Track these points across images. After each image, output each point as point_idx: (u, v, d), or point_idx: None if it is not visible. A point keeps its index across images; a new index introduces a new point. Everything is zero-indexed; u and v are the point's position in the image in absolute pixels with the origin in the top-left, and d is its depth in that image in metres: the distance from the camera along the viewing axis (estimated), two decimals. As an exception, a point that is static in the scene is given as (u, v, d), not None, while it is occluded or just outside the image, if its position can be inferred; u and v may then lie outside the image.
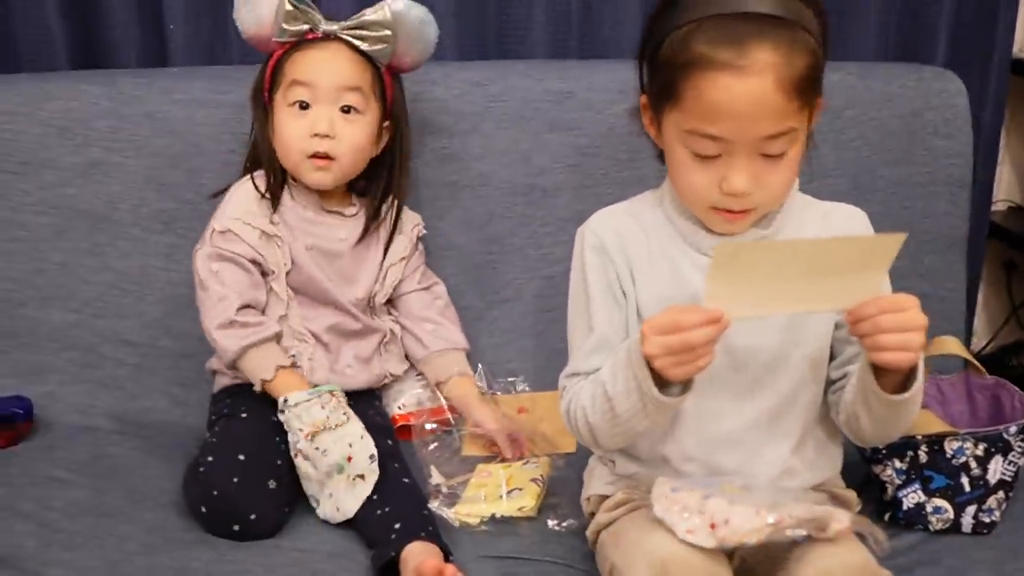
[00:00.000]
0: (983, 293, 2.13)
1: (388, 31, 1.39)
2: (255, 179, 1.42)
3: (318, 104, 1.37)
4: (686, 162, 1.08)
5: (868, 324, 0.99)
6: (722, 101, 1.02)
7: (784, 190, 1.10)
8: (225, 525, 1.24)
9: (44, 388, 1.51)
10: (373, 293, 1.46)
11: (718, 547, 0.98)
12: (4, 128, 1.51)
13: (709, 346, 0.98)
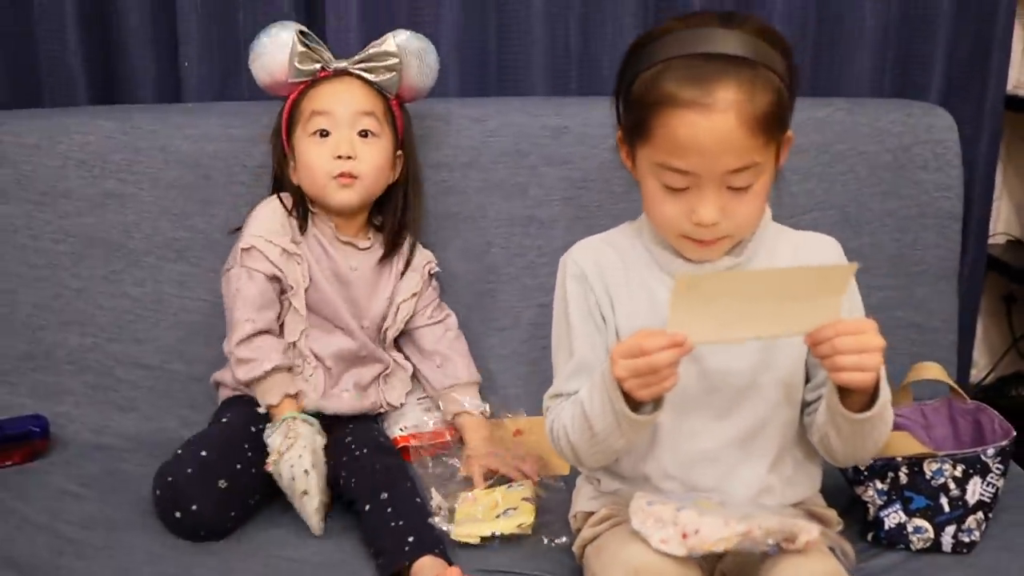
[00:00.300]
0: (983, 325, 2.19)
1: (395, 60, 1.50)
2: (282, 198, 1.53)
3: (337, 130, 1.48)
4: (658, 194, 1.15)
5: (827, 346, 1.06)
6: (688, 137, 1.09)
7: (752, 220, 1.17)
8: (170, 512, 1.33)
9: (61, 408, 1.60)
10: (385, 327, 1.55)
11: (688, 555, 1.05)
12: (25, 160, 1.61)
13: (672, 368, 1.05)
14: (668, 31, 1.14)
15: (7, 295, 1.61)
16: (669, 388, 1.07)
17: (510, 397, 1.62)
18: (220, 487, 1.34)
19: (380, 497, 1.34)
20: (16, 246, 1.61)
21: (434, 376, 1.57)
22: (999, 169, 2.09)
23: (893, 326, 1.66)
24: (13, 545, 1.31)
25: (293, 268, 1.50)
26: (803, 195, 1.66)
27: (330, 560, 1.32)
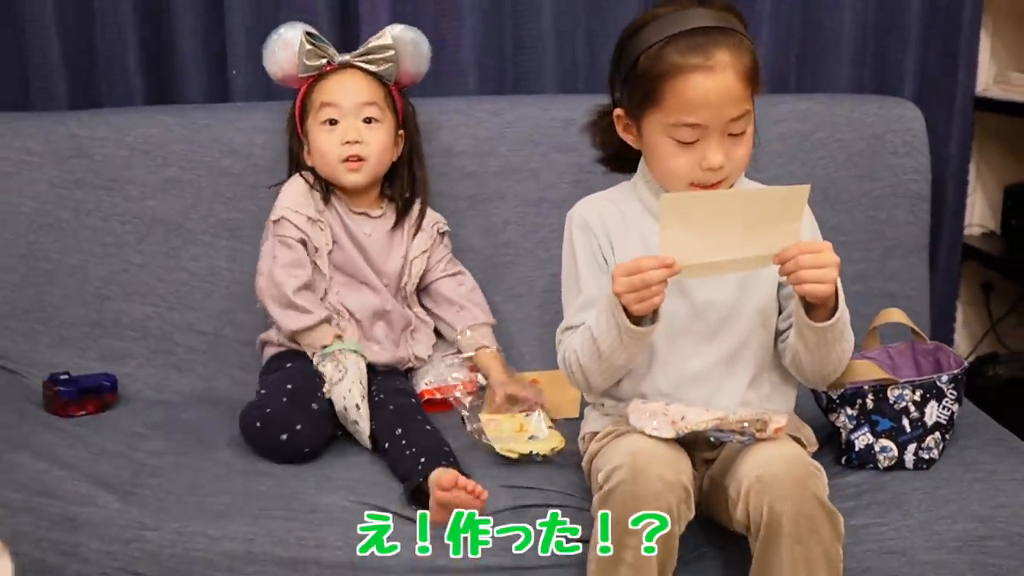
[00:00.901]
0: (963, 312, 2.44)
1: (392, 51, 1.77)
2: (304, 175, 1.80)
3: (344, 119, 1.75)
4: (670, 150, 1.41)
5: (791, 263, 1.32)
6: (699, 95, 1.37)
7: (744, 162, 1.44)
8: (274, 436, 1.58)
9: (125, 370, 1.87)
10: (403, 283, 1.81)
11: (676, 435, 1.31)
12: (96, 151, 1.90)
13: (661, 285, 1.31)
14: (655, 17, 1.43)
15: (79, 270, 1.89)
16: (658, 304, 1.33)
17: (526, 355, 1.88)
18: (313, 408, 1.60)
19: (395, 433, 1.60)
20: (88, 227, 1.89)
21: (454, 319, 1.83)
22: (972, 165, 2.36)
23: (870, 295, 1.93)
24: (96, 468, 1.57)
25: (318, 233, 1.76)
26: (787, 177, 1.92)
27: (377, 479, 1.57)
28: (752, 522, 1.29)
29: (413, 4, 2.12)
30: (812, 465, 1.32)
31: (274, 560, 1.43)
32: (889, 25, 2.21)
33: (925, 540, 1.45)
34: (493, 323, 1.86)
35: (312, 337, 1.71)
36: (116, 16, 2.07)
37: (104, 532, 1.45)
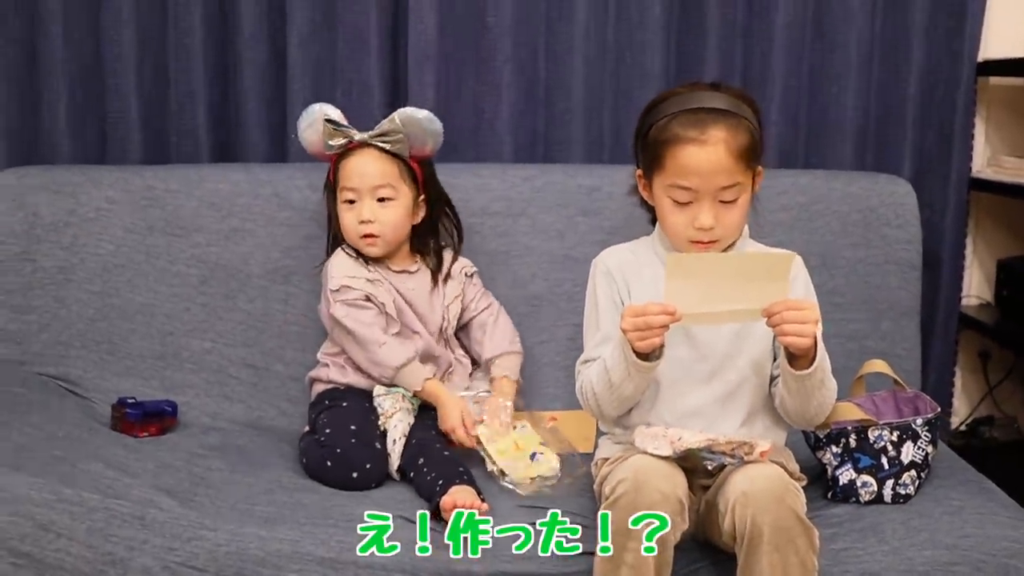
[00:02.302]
0: (962, 378, 2.66)
1: (401, 134, 2.02)
2: (344, 249, 2.06)
3: (361, 200, 2.02)
4: (669, 209, 1.69)
5: (777, 317, 1.57)
6: (691, 163, 1.64)
7: (736, 228, 1.70)
8: (346, 474, 1.83)
9: (184, 399, 2.13)
10: (444, 327, 2.07)
11: (673, 454, 1.54)
12: (168, 202, 2.18)
13: (663, 328, 1.56)
14: (672, 95, 1.72)
15: (147, 307, 2.16)
16: (658, 344, 1.58)
17: (548, 395, 2.13)
18: (377, 447, 1.87)
19: (419, 462, 1.85)
20: (157, 269, 2.17)
21: (482, 349, 2.08)
22: (969, 240, 2.60)
23: (864, 354, 2.15)
24: (159, 478, 1.81)
25: (379, 290, 2.02)
26: (788, 244, 2.15)
27: (407, 497, 1.81)
28: (737, 532, 1.52)
29: (457, 80, 2.42)
30: (791, 484, 1.54)
31: (317, 560, 1.65)
32: (889, 111, 2.48)
33: (898, 564, 1.65)
34: (518, 351, 2.10)
35: (412, 374, 1.96)
36: (188, 80, 2.38)
37: (167, 531, 1.68)
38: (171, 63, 2.40)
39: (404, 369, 1.96)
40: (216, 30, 2.40)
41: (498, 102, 2.40)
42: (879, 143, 2.51)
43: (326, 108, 2.03)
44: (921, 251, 2.23)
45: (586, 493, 1.81)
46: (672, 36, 2.43)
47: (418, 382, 1.96)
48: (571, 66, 2.40)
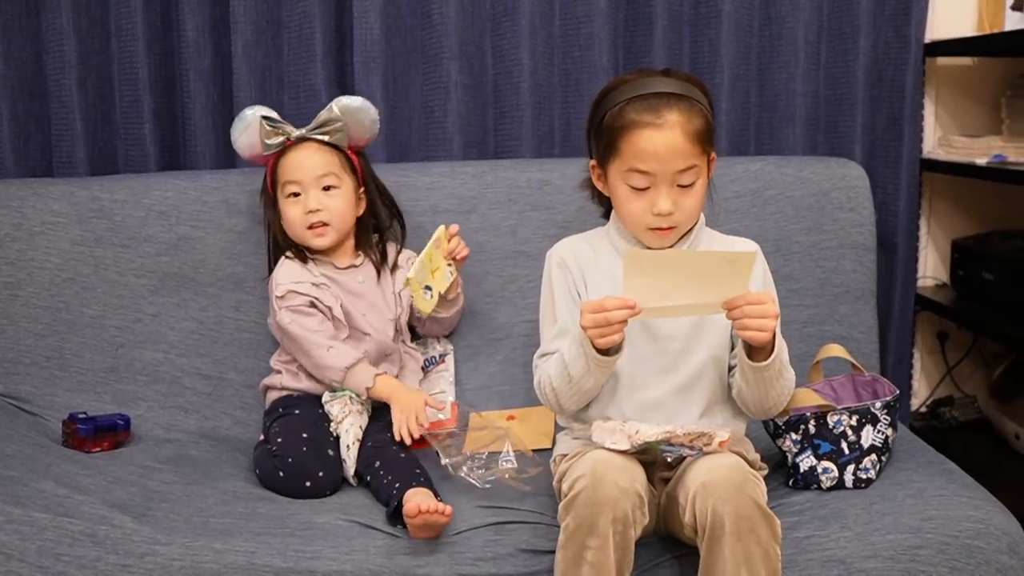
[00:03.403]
0: (920, 360, 2.63)
1: (340, 123, 1.98)
2: (289, 257, 2.01)
3: (306, 191, 1.97)
4: (626, 196, 1.64)
5: (737, 311, 1.52)
6: (648, 147, 1.60)
7: (694, 213, 1.66)
8: (299, 483, 1.77)
9: (137, 412, 2.06)
10: (397, 315, 2.01)
11: (631, 447, 1.49)
12: (115, 213, 2.11)
13: (622, 324, 1.51)
14: (623, 82, 1.67)
15: (97, 320, 2.09)
16: (618, 340, 1.53)
17: (505, 393, 2.07)
18: (329, 455, 1.81)
19: (375, 466, 1.79)
20: (106, 280, 2.10)
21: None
22: (923, 221, 2.57)
23: (821, 338, 2.12)
24: (111, 494, 1.75)
25: (325, 294, 1.96)
26: (742, 231, 2.11)
27: (364, 503, 1.76)
28: (699, 524, 1.47)
29: (404, 80, 2.36)
30: (750, 473, 1.50)
31: (274, 570, 1.60)
32: (838, 95, 2.45)
33: (862, 550, 1.62)
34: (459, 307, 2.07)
35: (360, 373, 1.89)
36: (133, 90, 2.31)
37: (120, 547, 1.61)
38: (115, 73, 2.33)
39: (352, 370, 1.90)
40: (159, 39, 2.33)
41: (446, 100, 2.34)
42: (830, 128, 2.48)
43: (260, 109, 1.99)
44: (875, 234, 2.20)
45: (545, 491, 1.76)
46: (619, 28, 2.39)
47: (368, 380, 1.90)
48: (518, 62, 2.34)
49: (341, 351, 1.91)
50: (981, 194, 2.58)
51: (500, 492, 1.76)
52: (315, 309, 1.95)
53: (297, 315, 1.94)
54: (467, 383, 2.11)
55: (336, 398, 1.90)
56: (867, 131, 2.46)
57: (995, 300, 2.39)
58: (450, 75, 2.33)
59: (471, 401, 2.07)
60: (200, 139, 2.33)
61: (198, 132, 2.33)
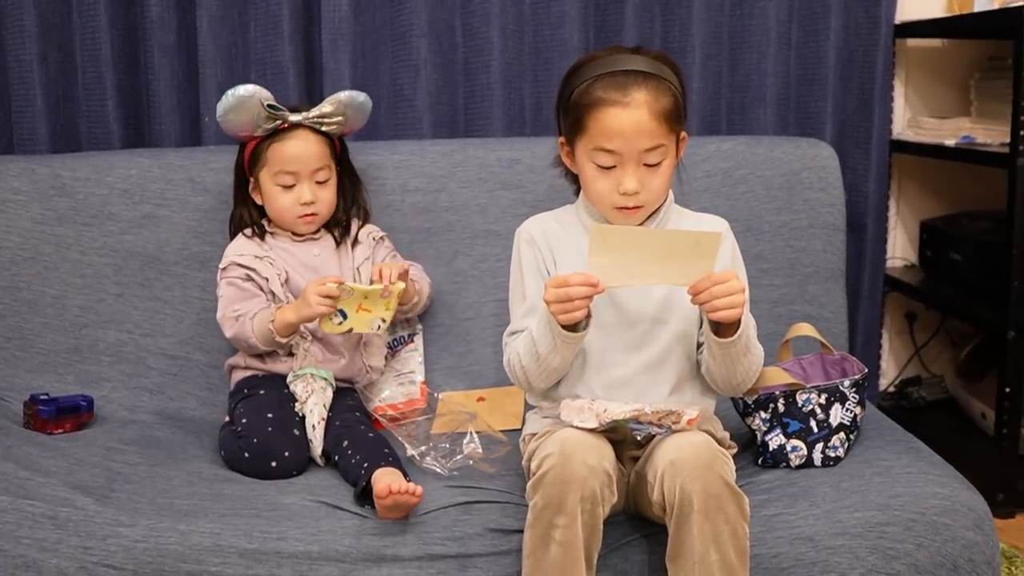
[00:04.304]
0: (889, 340, 2.64)
1: (340, 116, 1.97)
2: (244, 233, 1.99)
3: (300, 183, 1.95)
4: (593, 174, 1.63)
5: (705, 294, 1.51)
6: (614, 126, 1.58)
7: (661, 192, 1.64)
8: (265, 464, 1.75)
9: (101, 392, 2.02)
10: None
11: (599, 425, 1.48)
12: (78, 190, 2.07)
13: (584, 301, 1.50)
14: (592, 59, 1.65)
15: (59, 300, 2.05)
16: (579, 317, 1.52)
17: (474, 373, 2.06)
18: (295, 434, 1.79)
19: (343, 445, 1.77)
20: (68, 260, 2.06)
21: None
22: (892, 202, 2.58)
23: (791, 317, 2.12)
24: (74, 476, 1.72)
25: (266, 267, 1.94)
26: (712, 210, 2.09)
27: (331, 483, 1.73)
28: (667, 502, 1.46)
29: (374, 58, 2.33)
30: (719, 451, 1.49)
31: (239, 552, 1.57)
32: (809, 77, 2.45)
33: (830, 527, 1.61)
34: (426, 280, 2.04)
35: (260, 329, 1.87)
36: (96, 67, 2.27)
37: (82, 530, 1.58)
38: (77, 48, 2.29)
39: (255, 320, 1.88)
40: (122, 14, 2.29)
41: (416, 78, 2.32)
42: (800, 108, 2.48)
43: (261, 91, 1.94)
44: (845, 214, 2.20)
45: (513, 471, 1.75)
46: (589, 7, 2.37)
47: (268, 319, 1.86)
48: (488, 40, 2.32)
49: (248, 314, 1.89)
50: (950, 175, 2.59)
51: (468, 472, 1.75)
52: (251, 283, 1.93)
53: (228, 287, 1.92)
54: (436, 363, 2.09)
55: (299, 377, 1.87)
56: (837, 112, 2.46)
57: (963, 281, 2.41)
58: (420, 53, 2.31)
59: (440, 381, 2.06)
60: (165, 117, 2.29)
61: (163, 110, 2.29)
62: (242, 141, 1.99)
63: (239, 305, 1.92)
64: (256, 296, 1.93)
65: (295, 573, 1.57)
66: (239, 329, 1.90)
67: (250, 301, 1.92)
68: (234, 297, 1.93)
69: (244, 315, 1.90)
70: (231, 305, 1.92)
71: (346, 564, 1.58)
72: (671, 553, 1.49)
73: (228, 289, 1.94)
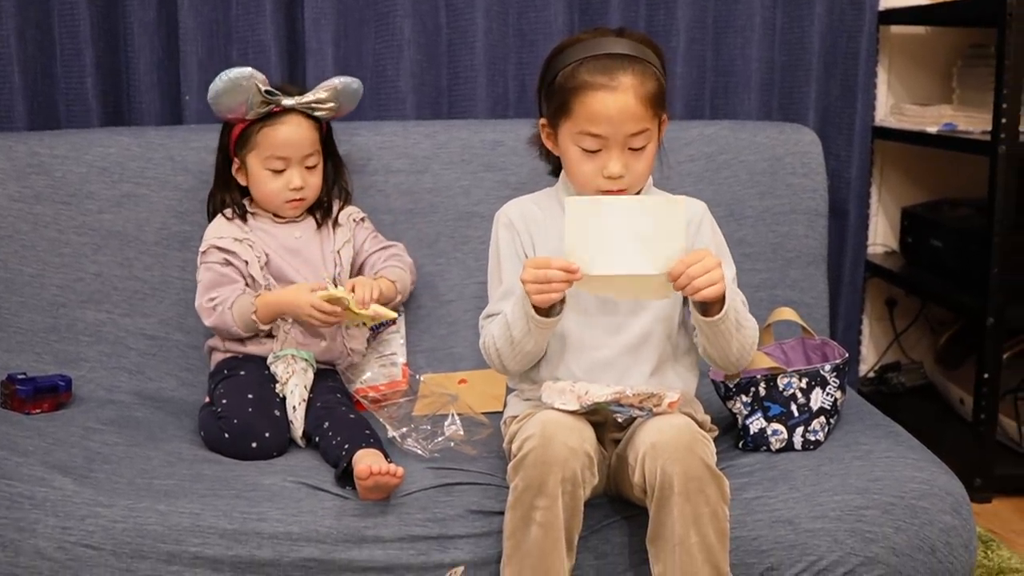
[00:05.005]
0: (869, 326, 2.66)
1: (333, 103, 1.96)
2: (224, 214, 1.97)
3: (290, 168, 1.94)
4: (577, 158, 1.63)
5: (683, 278, 1.51)
6: (601, 110, 1.58)
7: (644, 175, 1.65)
8: (245, 445, 1.75)
9: (79, 372, 2.01)
10: (337, 272, 1.97)
11: (580, 408, 1.49)
12: (56, 168, 2.05)
13: (561, 284, 1.50)
14: (577, 41, 1.65)
15: (36, 279, 2.04)
16: (555, 299, 1.53)
17: (456, 356, 2.06)
18: (276, 415, 1.78)
19: (324, 426, 1.77)
20: (46, 239, 2.04)
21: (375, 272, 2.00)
22: (874, 189, 2.59)
23: (773, 302, 2.13)
24: (52, 456, 1.71)
25: (246, 249, 1.93)
26: (695, 194, 2.07)
27: (312, 464, 1.73)
28: (648, 484, 1.47)
29: (357, 38, 2.32)
30: (700, 433, 1.50)
31: (219, 532, 1.57)
32: (793, 62, 2.46)
33: (809, 510, 1.63)
34: (409, 270, 2.02)
35: (240, 315, 1.87)
36: (75, 44, 2.25)
37: (60, 510, 1.58)
38: (55, 24, 2.26)
39: (234, 309, 1.88)
40: (102, -10, 2.27)
41: (399, 59, 2.31)
42: (784, 94, 2.48)
43: (257, 74, 1.91)
44: (827, 199, 2.21)
45: (495, 453, 1.75)
46: (575, -11, 2.37)
47: (250, 310, 1.87)
48: (473, 21, 2.32)
49: (226, 303, 1.89)
50: (931, 162, 2.61)
51: (449, 454, 1.76)
52: (230, 267, 1.92)
53: (207, 272, 1.92)
54: (418, 345, 2.09)
55: (279, 358, 1.87)
56: (821, 97, 2.47)
57: (943, 267, 2.42)
58: (403, 33, 2.30)
59: (422, 363, 2.06)
60: (145, 95, 2.28)
61: (143, 88, 2.27)
62: (229, 122, 1.97)
63: (215, 292, 1.91)
64: (234, 282, 1.92)
65: (275, 553, 1.57)
66: (219, 319, 1.89)
67: (226, 287, 1.91)
68: (211, 283, 1.92)
69: (222, 304, 1.89)
70: (207, 293, 1.91)
71: (327, 544, 1.58)
72: (651, 535, 1.50)
73: (206, 275, 1.93)
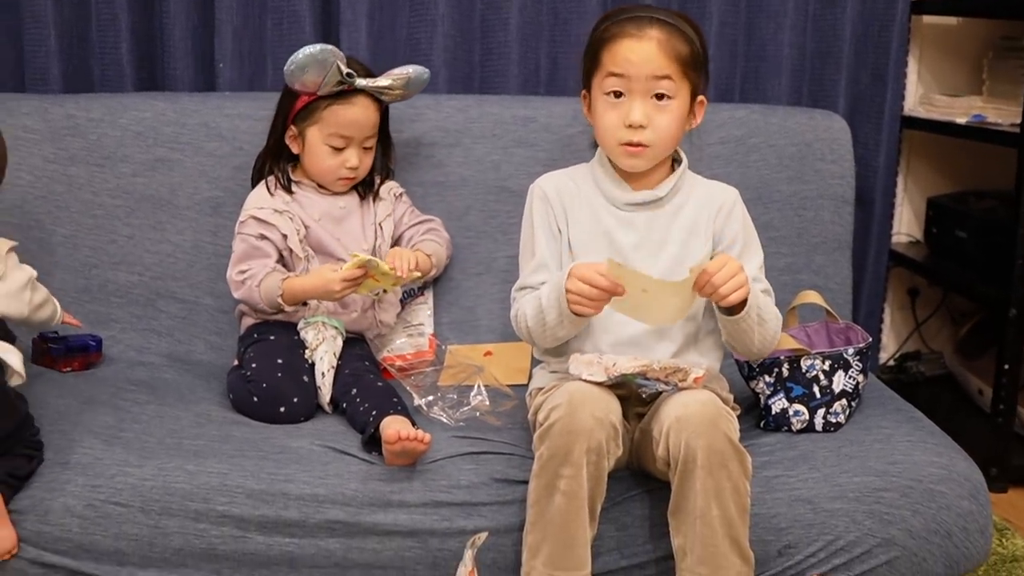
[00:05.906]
0: (891, 315, 2.67)
1: (401, 91, 1.98)
2: (267, 182, 1.99)
3: (350, 148, 1.96)
4: (604, 108, 1.67)
5: (708, 287, 1.54)
6: (623, 52, 1.65)
7: (668, 135, 1.68)
8: (273, 409, 1.78)
9: (110, 333, 2.04)
10: (378, 244, 2.00)
11: (607, 379, 1.52)
12: (92, 131, 2.08)
13: (601, 302, 1.54)
14: (619, 10, 1.70)
15: (70, 239, 2.07)
16: (592, 315, 1.57)
17: (483, 328, 2.08)
18: (304, 380, 1.82)
19: (351, 393, 1.80)
20: (80, 200, 2.07)
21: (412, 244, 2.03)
22: (900, 178, 2.60)
23: (797, 286, 2.13)
24: (82, 416, 1.74)
25: (286, 222, 1.94)
26: (724, 177, 2.11)
27: (339, 429, 1.77)
28: (672, 457, 1.50)
29: (391, 12, 2.34)
30: (724, 409, 1.52)
31: (246, 492, 1.60)
32: (825, 49, 2.46)
33: (829, 491, 1.65)
34: (445, 245, 2.06)
35: (267, 295, 1.88)
36: (111, 9, 2.27)
37: (90, 469, 1.61)
38: (92, -11, 2.30)
39: (262, 288, 1.89)
40: (140, -44, 2.29)
41: (432, 34, 2.32)
42: (814, 80, 2.49)
43: (338, 53, 1.91)
44: (854, 186, 2.22)
45: (519, 424, 1.78)
46: (610, -32, 2.38)
47: (277, 291, 1.87)
48: (508, -2, 2.34)
49: (255, 278, 1.90)
50: (959, 153, 2.61)
51: (474, 424, 1.79)
52: (264, 241, 1.93)
53: (241, 244, 1.94)
54: (446, 316, 2.11)
55: (309, 324, 1.89)
56: (851, 85, 2.47)
57: (967, 258, 2.43)
58: (437, 7, 2.32)
59: (448, 334, 2.09)
60: (180, 62, 2.30)
61: (177, 55, 2.30)
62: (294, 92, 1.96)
63: (246, 264, 1.92)
64: (266, 256, 1.93)
65: (301, 514, 1.61)
66: (247, 293, 1.92)
67: (258, 261, 1.92)
68: (243, 255, 1.94)
69: (251, 279, 1.90)
70: (239, 264, 1.93)
71: (352, 507, 1.62)
72: (673, 507, 1.52)
73: (240, 246, 1.95)
